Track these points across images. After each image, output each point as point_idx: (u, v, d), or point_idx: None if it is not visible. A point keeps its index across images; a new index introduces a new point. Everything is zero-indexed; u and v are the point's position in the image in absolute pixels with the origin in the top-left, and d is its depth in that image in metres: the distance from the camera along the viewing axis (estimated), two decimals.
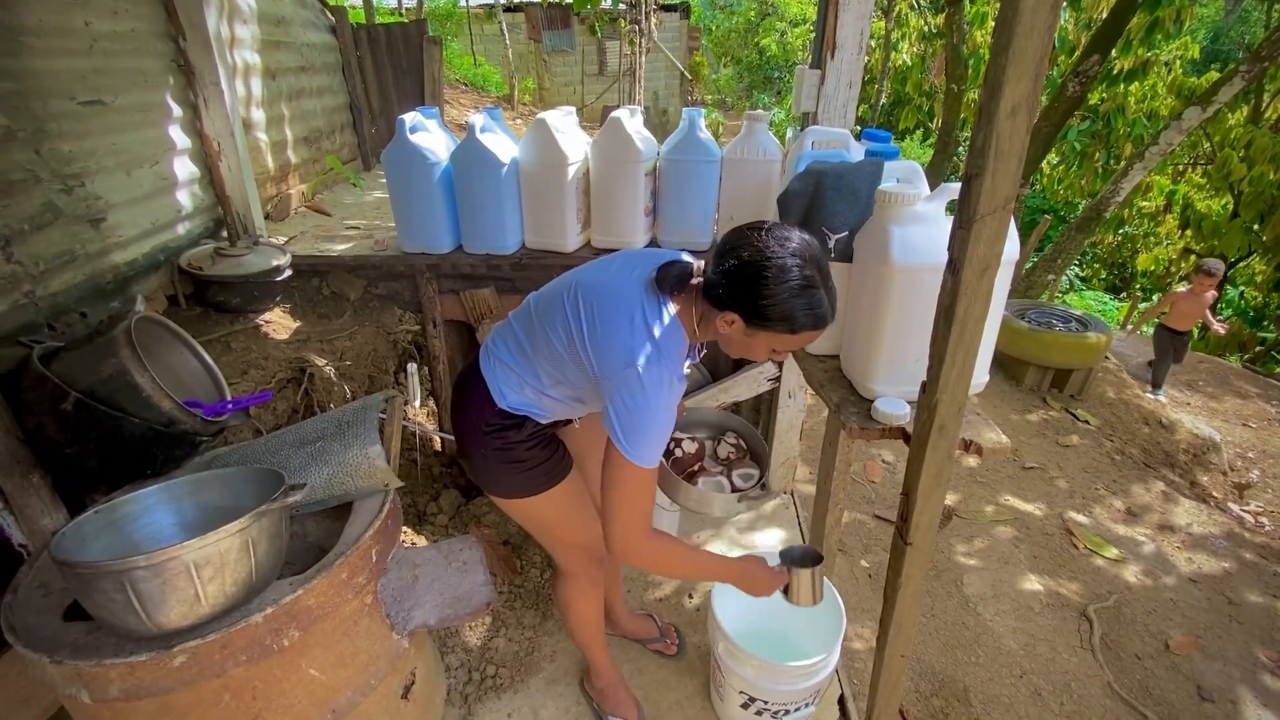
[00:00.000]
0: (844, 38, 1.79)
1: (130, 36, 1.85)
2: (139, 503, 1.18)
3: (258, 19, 2.71)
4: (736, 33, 16.50)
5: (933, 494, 1.10)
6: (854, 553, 2.63)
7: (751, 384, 2.29)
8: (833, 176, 1.28)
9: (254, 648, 1.06)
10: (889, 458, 3.36)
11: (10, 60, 1.47)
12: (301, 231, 2.51)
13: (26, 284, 1.48)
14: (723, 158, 1.93)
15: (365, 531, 1.23)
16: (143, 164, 1.88)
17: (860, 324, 1.23)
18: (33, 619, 1.07)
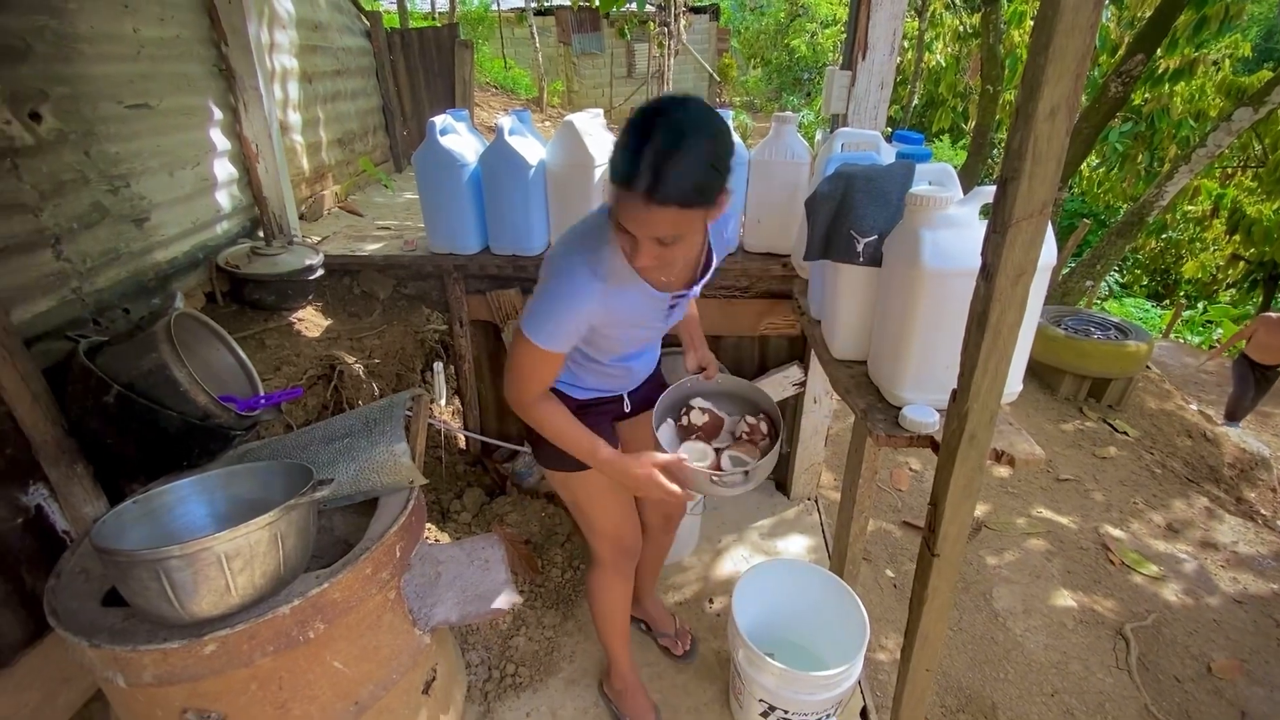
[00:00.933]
0: (876, 38, 1.76)
1: (175, 42, 1.91)
2: (174, 494, 1.21)
3: (296, 24, 2.78)
4: (766, 34, 16.40)
5: (962, 505, 1.07)
6: (879, 562, 2.59)
7: (776, 388, 2.26)
8: (862, 179, 1.26)
9: (281, 639, 1.08)
10: (916, 465, 3.30)
11: (63, 66, 1.53)
12: (334, 231, 2.57)
13: (74, 280, 1.54)
14: (750, 160, 1.91)
15: (390, 527, 1.24)
16: (185, 165, 1.94)
17: (889, 329, 1.20)
18: (74, 603, 1.11)
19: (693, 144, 0.91)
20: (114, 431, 1.36)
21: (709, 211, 0.99)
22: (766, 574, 1.69)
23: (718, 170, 0.95)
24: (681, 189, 0.92)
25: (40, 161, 1.47)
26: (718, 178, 0.96)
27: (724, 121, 0.98)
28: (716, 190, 0.97)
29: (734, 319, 2.20)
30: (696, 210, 0.96)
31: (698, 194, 0.94)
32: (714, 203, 0.98)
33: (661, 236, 0.97)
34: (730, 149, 0.97)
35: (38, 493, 1.44)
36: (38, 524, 1.45)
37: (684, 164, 0.91)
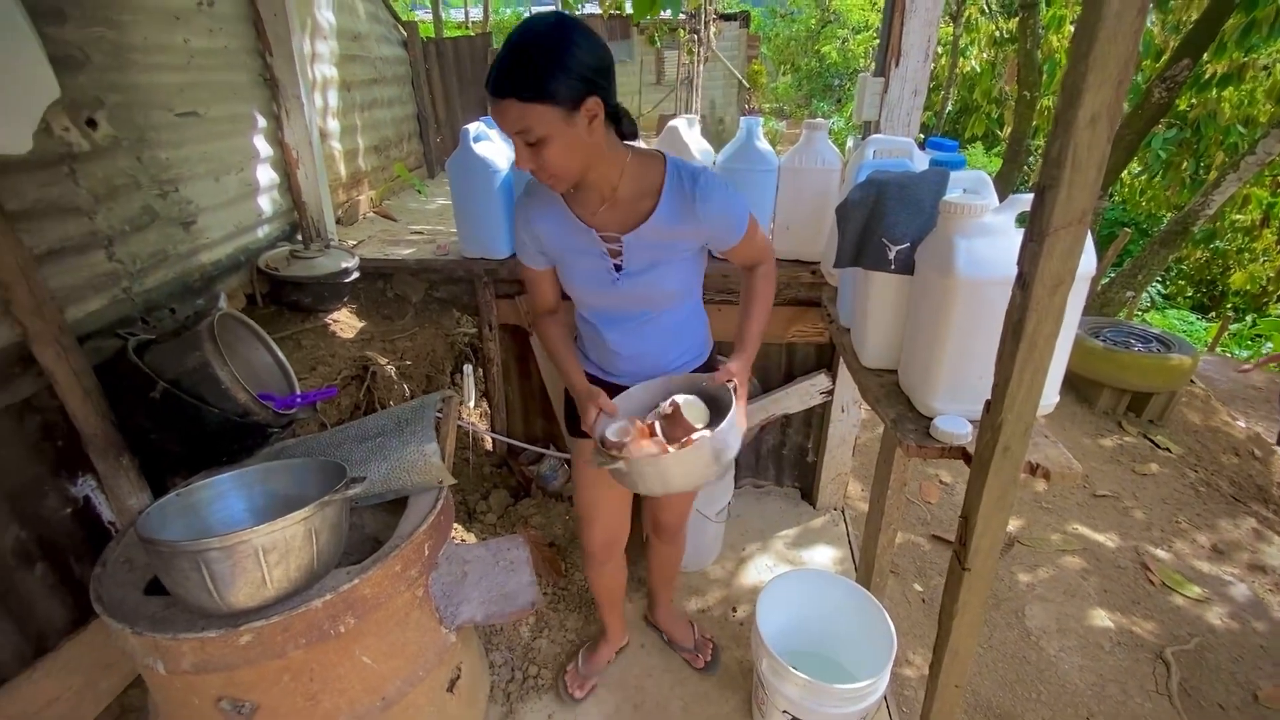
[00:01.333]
0: (910, 44, 1.75)
1: (223, 53, 1.99)
2: (214, 488, 1.25)
3: (336, 35, 2.87)
4: (796, 40, 16.33)
5: (994, 518, 1.05)
6: (907, 575, 2.54)
7: (804, 396, 2.25)
8: (895, 186, 1.25)
9: (313, 631, 1.11)
10: (946, 478, 3.23)
11: (119, 75, 1.60)
12: (369, 236, 2.63)
13: (125, 281, 1.60)
14: (780, 166, 1.91)
15: (419, 526, 1.27)
16: (230, 171, 2.01)
17: (920, 338, 1.19)
18: (118, 591, 1.15)
19: (525, 43, 0.97)
20: (159, 426, 1.41)
21: (564, 112, 1.00)
22: (791, 583, 1.67)
23: (550, 66, 0.97)
24: (511, 81, 0.98)
25: (95, 166, 1.53)
26: (551, 73, 0.97)
27: (575, 30, 1.00)
28: (551, 84, 0.98)
29: None
30: (536, 105, 0.98)
31: (524, 85, 0.97)
32: (555, 98, 0.99)
33: (514, 132, 1.02)
34: (574, 51, 0.98)
35: (86, 484, 1.50)
36: (85, 514, 1.51)
37: (513, 59, 0.98)
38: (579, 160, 1.09)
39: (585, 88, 1.00)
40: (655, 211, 1.18)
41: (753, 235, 1.28)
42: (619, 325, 1.35)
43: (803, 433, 2.49)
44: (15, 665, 1.38)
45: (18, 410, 1.35)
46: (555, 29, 0.99)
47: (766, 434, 2.51)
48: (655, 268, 1.24)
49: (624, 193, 1.19)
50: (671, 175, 1.18)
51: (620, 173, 1.17)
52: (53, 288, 1.34)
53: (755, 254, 1.33)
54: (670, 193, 1.18)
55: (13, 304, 1.28)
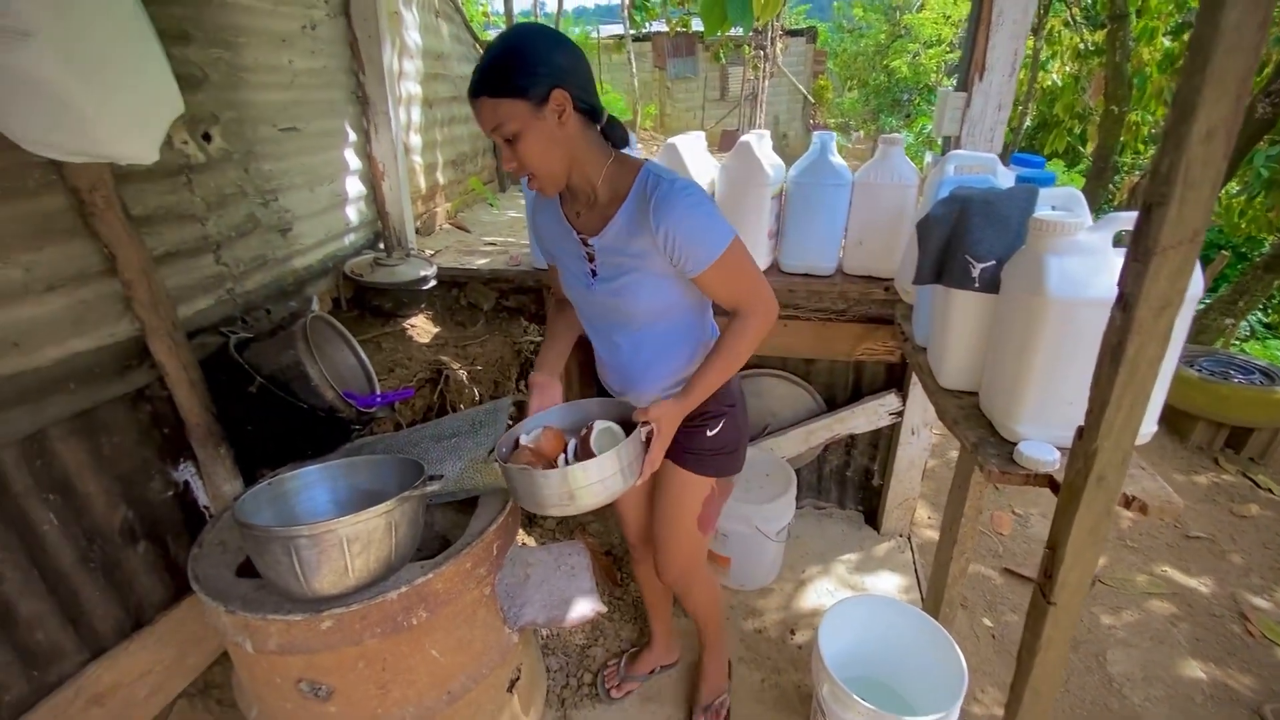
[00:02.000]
0: (995, 59, 1.70)
1: (322, 72, 2.13)
2: (302, 479, 1.32)
3: (422, 54, 3.02)
4: (864, 55, 16.08)
5: (1085, 551, 1.00)
6: (976, 609, 2.42)
7: (871, 416, 2.19)
8: (979, 202, 1.22)
9: (388, 622, 1.15)
10: (1020, 509, 3.07)
11: (232, 93, 1.73)
12: (446, 246, 2.74)
13: (229, 283, 1.72)
14: (853, 181, 1.88)
15: (489, 526, 1.30)
16: (323, 182, 2.14)
17: (1006, 359, 1.14)
18: (212, 571, 1.23)
19: (493, 49, 1.04)
20: (253, 418, 1.51)
21: (532, 106, 1.03)
22: (856, 609, 1.62)
23: (514, 62, 1.02)
24: (481, 81, 1.03)
25: (208, 177, 1.67)
26: (516, 68, 1.02)
27: (539, 32, 1.06)
28: (515, 78, 1.02)
29: (829, 342, 2.15)
30: (505, 100, 1.02)
31: (492, 83, 1.02)
32: (523, 93, 1.02)
33: (491, 130, 1.06)
34: (536, 49, 1.03)
35: (186, 470, 1.61)
36: (184, 498, 1.62)
37: (484, 61, 1.03)
38: (555, 157, 1.09)
39: (550, 81, 1.03)
40: (615, 216, 1.16)
41: (730, 270, 1.13)
42: (601, 334, 1.35)
43: (868, 454, 2.42)
44: (115, 637, 1.49)
45: (132, 399, 1.47)
46: (519, 33, 1.06)
47: (830, 454, 2.46)
48: (623, 277, 1.19)
49: (601, 196, 1.18)
50: (639, 181, 1.14)
51: (600, 176, 1.16)
52: (168, 287, 1.46)
53: (735, 295, 1.17)
54: (631, 198, 1.14)
55: (134, 300, 1.40)
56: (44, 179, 1.25)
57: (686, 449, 1.37)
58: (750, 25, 1.91)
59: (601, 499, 1.12)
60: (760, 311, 1.18)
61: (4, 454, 1.24)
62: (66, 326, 1.32)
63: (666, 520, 1.47)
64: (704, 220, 1.10)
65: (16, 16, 0.94)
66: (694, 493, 1.42)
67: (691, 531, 1.47)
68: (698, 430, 1.35)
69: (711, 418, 1.36)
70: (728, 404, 1.37)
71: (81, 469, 1.38)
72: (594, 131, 1.15)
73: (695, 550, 1.52)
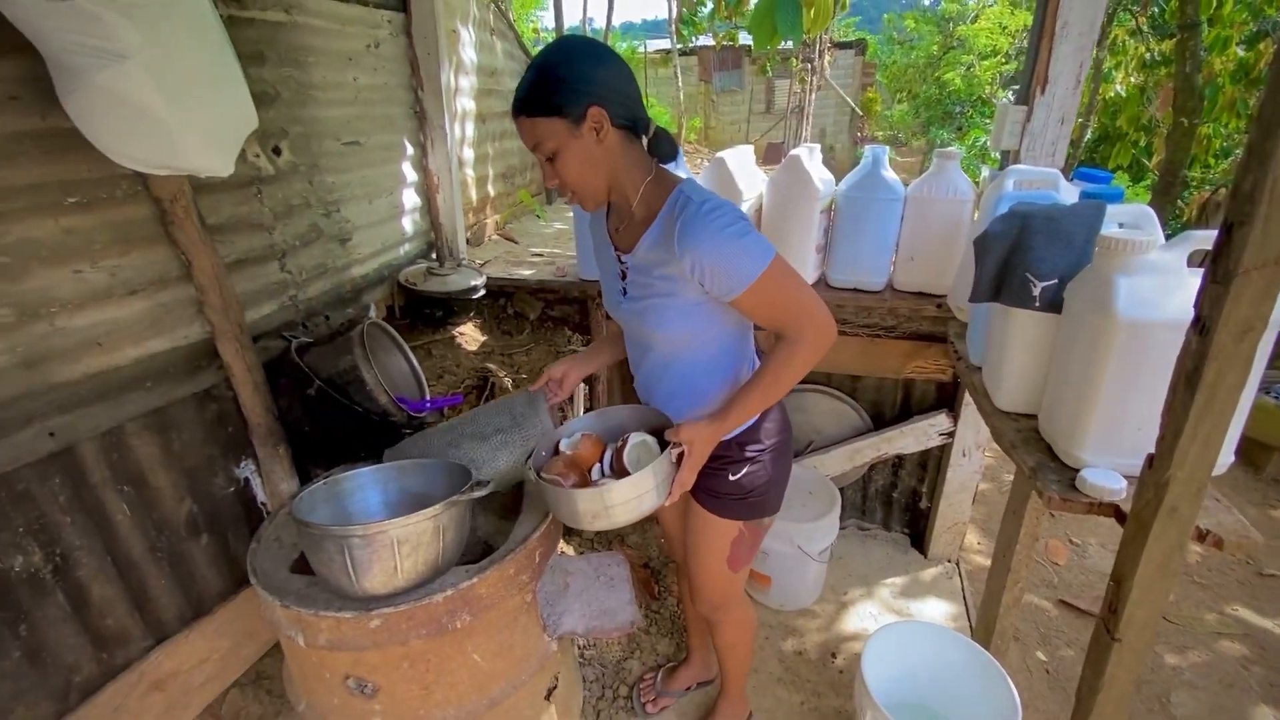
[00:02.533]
0: (1058, 71, 1.65)
1: (383, 89, 2.22)
2: (355, 480, 1.36)
3: (476, 70, 3.11)
4: (915, 67, 15.79)
5: (1154, 587, 0.95)
6: (1028, 642, 2.31)
7: (920, 437, 2.13)
8: (1042, 219, 1.18)
9: (433, 624, 1.17)
10: (1076, 538, 2.93)
11: (301, 109, 1.82)
12: (494, 256, 2.80)
13: (292, 289, 1.80)
14: (906, 195, 1.85)
15: (533, 533, 1.32)
16: (381, 194, 2.23)
17: (1068, 382, 1.10)
18: (269, 566, 1.28)
19: (533, 67, 1.04)
20: (311, 420, 1.57)
21: (569, 123, 1.03)
22: (901, 635, 1.58)
23: (552, 81, 1.02)
24: (521, 101, 1.04)
25: (276, 189, 1.75)
26: (553, 88, 1.02)
27: (577, 48, 1.05)
28: (553, 97, 1.02)
29: (877, 359, 2.11)
30: (543, 119, 1.03)
31: (531, 102, 1.03)
32: (560, 111, 1.02)
33: (532, 147, 1.07)
34: (574, 66, 1.03)
35: (247, 467, 1.69)
36: (244, 494, 1.69)
37: (525, 79, 1.04)
38: (594, 174, 1.09)
39: (586, 98, 1.02)
40: (644, 236, 1.13)
41: (770, 293, 1.06)
42: (634, 350, 1.32)
43: (916, 475, 2.35)
44: (176, 625, 1.56)
45: (200, 398, 1.55)
46: (558, 49, 1.06)
47: (876, 474, 2.40)
48: (648, 300, 1.16)
49: (638, 213, 1.15)
50: (670, 201, 1.10)
51: (637, 193, 1.14)
52: (237, 292, 1.54)
53: (778, 318, 1.10)
54: (659, 219, 1.11)
55: (206, 305, 1.48)
56: (130, 190, 1.33)
57: (707, 490, 1.30)
58: (800, 38, 1.90)
59: (631, 517, 1.11)
60: (809, 336, 1.09)
61: (85, 447, 1.32)
62: (145, 328, 1.40)
63: (693, 555, 1.42)
64: (734, 243, 1.04)
65: (115, 40, 1.01)
66: (719, 533, 1.34)
67: (719, 570, 1.40)
68: (719, 472, 1.27)
69: (733, 462, 1.27)
70: (755, 449, 1.27)
71: (153, 463, 1.45)
72: (636, 146, 1.12)
73: (727, 587, 1.44)
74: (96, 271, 1.30)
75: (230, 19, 1.55)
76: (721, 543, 1.35)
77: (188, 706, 1.57)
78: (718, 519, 1.32)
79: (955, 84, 13.36)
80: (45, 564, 1.27)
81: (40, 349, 1.22)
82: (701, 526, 1.36)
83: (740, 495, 1.29)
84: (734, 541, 1.35)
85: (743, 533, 1.34)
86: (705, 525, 1.35)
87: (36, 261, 1.20)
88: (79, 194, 1.25)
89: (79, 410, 1.29)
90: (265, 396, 1.58)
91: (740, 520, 1.32)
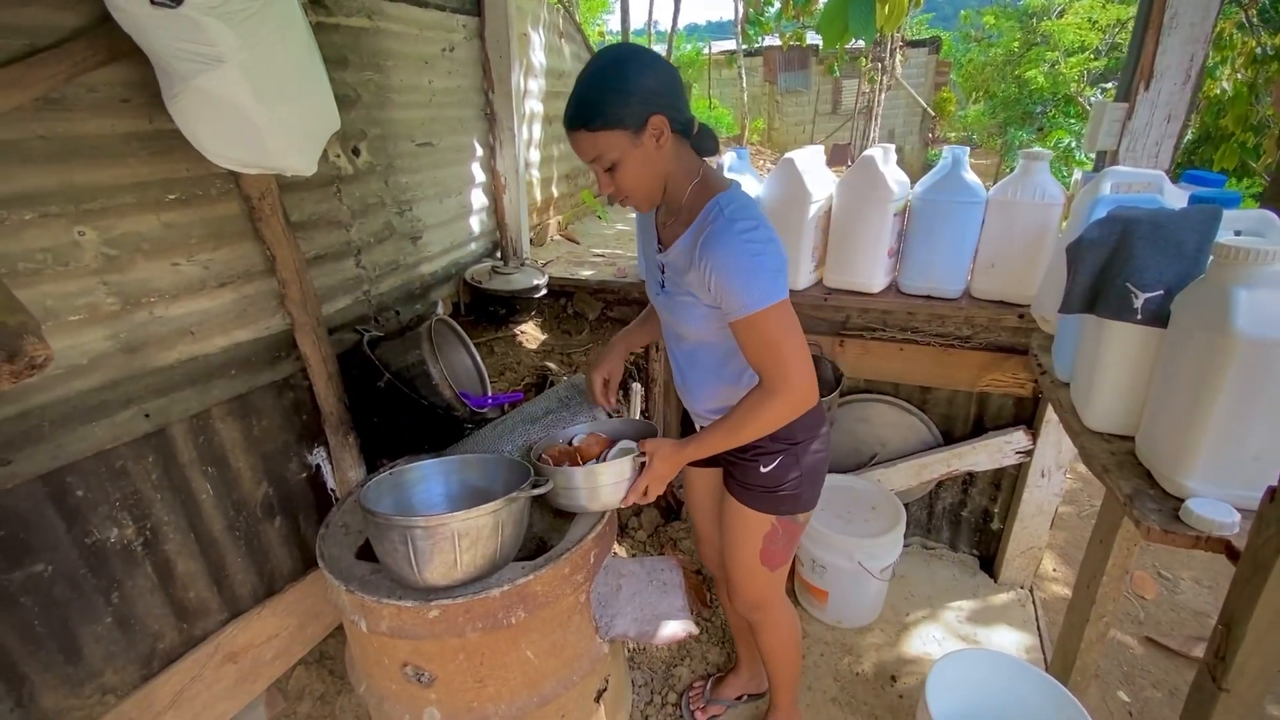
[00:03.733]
0: (1165, 65, 1.52)
1: (456, 91, 2.28)
2: (419, 471, 1.39)
3: (545, 73, 3.16)
4: (993, 65, 15.06)
5: (1272, 634, 0.85)
6: (1109, 680, 2.15)
7: (994, 454, 2.02)
8: (1147, 225, 1.09)
9: (489, 618, 1.19)
10: (1167, 572, 2.70)
11: (379, 111, 1.89)
12: (556, 256, 2.84)
13: (365, 285, 1.87)
14: (988, 199, 1.75)
15: (589, 533, 1.31)
16: (451, 194, 2.28)
17: (1175, 402, 1.01)
18: (336, 551, 1.32)
19: (587, 77, 1.03)
20: (379, 411, 1.62)
21: (630, 134, 1.03)
22: (970, 663, 1.49)
23: (610, 94, 1.01)
24: (578, 114, 1.03)
25: (354, 188, 1.82)
26: (612, 100, 1.01)
27: (631, 56, 1.03)
28: (613, 110, 1.01)
29: (950, 370, 2.01)
30: (603, 132, 1.02)
31: (590, 115, 1.02)
32: (620, 123, 1.01)
33: (586, 158, 1.07)
34: (631, 75, 1.01)
35: (319, 455, 1.76)
36: (315, 480, 1.77)
37: (579, 93, 1.03)
38: (652, 179, 1.10)
39: (647, 108, 1.02)
40: (678, 239, 1.15)
41: (761, 335, 1.05)
42: (669, 334, 1.35)
43: (988, 495, 2.23)
44: (249, 601, 1.64)
45: (278, 387, 1.63)
46: (612, 59, 1.04)
47: (944, 491, 2.29)
48: (679, 296, 1.19)
49: (683, 212, 1.16)
50: (706, 209, 1.10)
51: (686, 193, 1.15)
52: (315, 287, 1.60)
53: (761, 362, 1.09)
54: (694, 224, 1.12)
55: (287, 298, 1.55)
56: (223, 187, 1.41)
57: (739, 481, 1.33)
58: (872, 37, 1.84)
59: (588, 504, 1.25)
60: (781, 393, 1.08)
61: (175, 429, 1.40)
62: (232, 319, 1.48)
63: (728, 552, 1.43)
64: (748, 268, 1.03)
65: (214, 44, 1.07)
66: (752, 528, 1.35)
67: (754, 567, 1.39)
68: (750, 464, 1.30)
69: (765, 454, 1.28)
70: (783, 440, 1.26)
71: (235, 447, 1.53)
72: (685, 145, 1.14)
73: (764, 585, 1.44)
74: (191, 264, 1.38)
75: (318, 25, 1.62)
76: (754, 537, 1.36)
77: (257, 679, 1.65)
78: (751, 512, 1.34)
79: (1037, 82, 12.68)
80: (136, 537, 1.36)
81: (140, 336, 1.30)
82: (735, 521, 1.38)
83: (771, 488, 1.31)
84: (767, 536, 1.36)
85: (776, 528, 1.35)
86: (738, 518, 1.37)
87: (140, 254, 1.28)
88: (178, 191, 1.33)
89: (171, 394, 1.37)
90: (338, 387, 1.64)
91: (773, 515, 1.34)
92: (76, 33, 1.13)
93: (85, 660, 1.31)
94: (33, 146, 1.11)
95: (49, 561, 1.22)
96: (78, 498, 1.25)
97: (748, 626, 1.73)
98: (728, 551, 1.43)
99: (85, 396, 1.23)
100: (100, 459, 1.27)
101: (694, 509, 1.60)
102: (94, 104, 1.18)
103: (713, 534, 1.59)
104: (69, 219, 1.17)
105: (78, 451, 1.23)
